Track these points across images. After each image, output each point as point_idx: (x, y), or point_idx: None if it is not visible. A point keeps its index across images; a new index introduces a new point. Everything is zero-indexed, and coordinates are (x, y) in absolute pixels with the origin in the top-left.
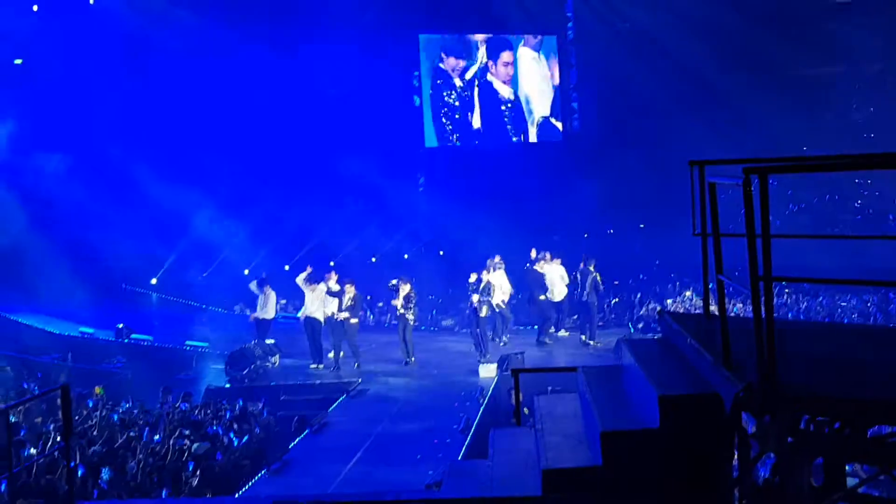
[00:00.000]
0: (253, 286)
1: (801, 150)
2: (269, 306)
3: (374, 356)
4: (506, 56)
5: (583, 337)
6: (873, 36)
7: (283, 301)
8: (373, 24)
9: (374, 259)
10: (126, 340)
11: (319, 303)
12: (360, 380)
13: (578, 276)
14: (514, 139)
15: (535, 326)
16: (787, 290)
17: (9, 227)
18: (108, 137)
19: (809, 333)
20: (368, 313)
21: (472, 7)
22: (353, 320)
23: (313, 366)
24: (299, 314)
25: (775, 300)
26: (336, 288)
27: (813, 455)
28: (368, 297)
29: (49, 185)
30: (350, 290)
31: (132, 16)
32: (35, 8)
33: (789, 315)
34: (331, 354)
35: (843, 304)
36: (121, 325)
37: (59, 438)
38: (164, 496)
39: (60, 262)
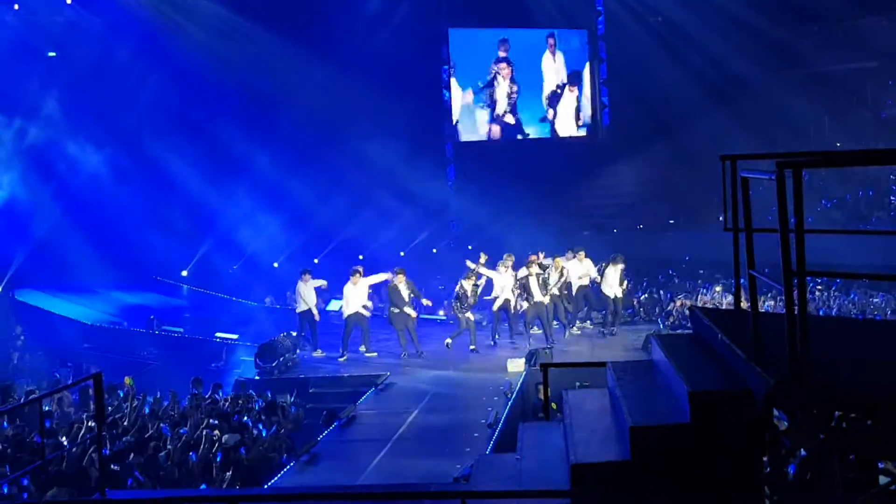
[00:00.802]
0: (319, 283)
1: (833, 147)
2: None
3: (401, 350)
4: (536, 50)
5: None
6: None
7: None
8: (403, 19)
9: (402, 254)
10: (157, 332)
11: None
12: (388, 373)
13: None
14: (543, 134)
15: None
16: (819, 287)
17: (43, 220)
18: (141, 130)
19: (841, 330)
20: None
21: (502, 2)
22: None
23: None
24: (340, 308)
25: (808, 296)
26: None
27: (845, 452)
28: None
29: (82, 178)
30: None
31: (164, 7)
32: (69, 1)
33: (821, 312)
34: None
35: (875, 300)
36: (152, 317)
37: (90, 427)
38: (202, 488)
39: (93, 254)
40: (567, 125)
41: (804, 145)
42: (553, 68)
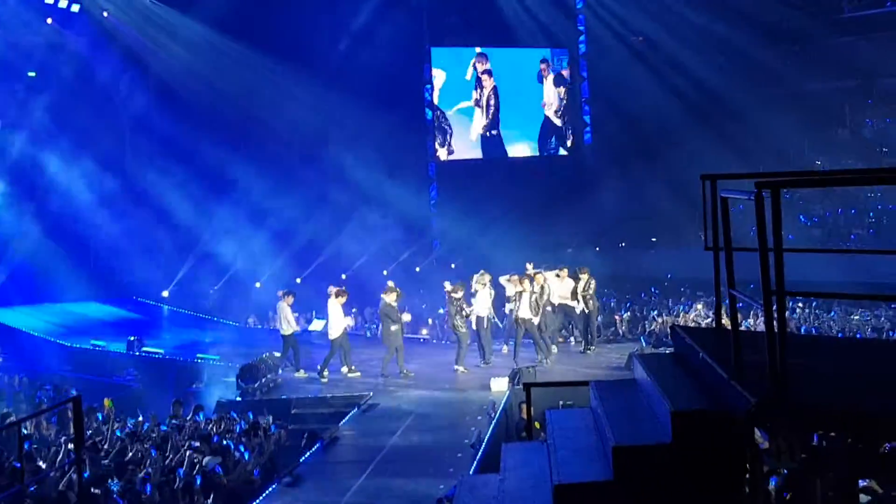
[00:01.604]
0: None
1: (813, 165)
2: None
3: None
4: (520, 68)
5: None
6: (886, 50)
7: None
8: (386, 38)
9: (385, 272)
10: (137, 353)
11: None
12: (371, 393)
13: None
14: (527, 153)
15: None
16: (799, 305)
17: (24, 239)
18: (123, 148)
19: (822, 348)
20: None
21: (484, 21)
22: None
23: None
24: (323, 328)
25: (788, 314)
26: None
27: (825, 470)
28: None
29: (63, 197)
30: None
31: (146, 26)
32: (49, 21)
33: (802, 329)
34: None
35: (855, 318)
36: (132, 338)
37: (69, 450)
38: None
39: (73, 274)
40: (549, 143)
41: (784, 164)
42: (535, 86)
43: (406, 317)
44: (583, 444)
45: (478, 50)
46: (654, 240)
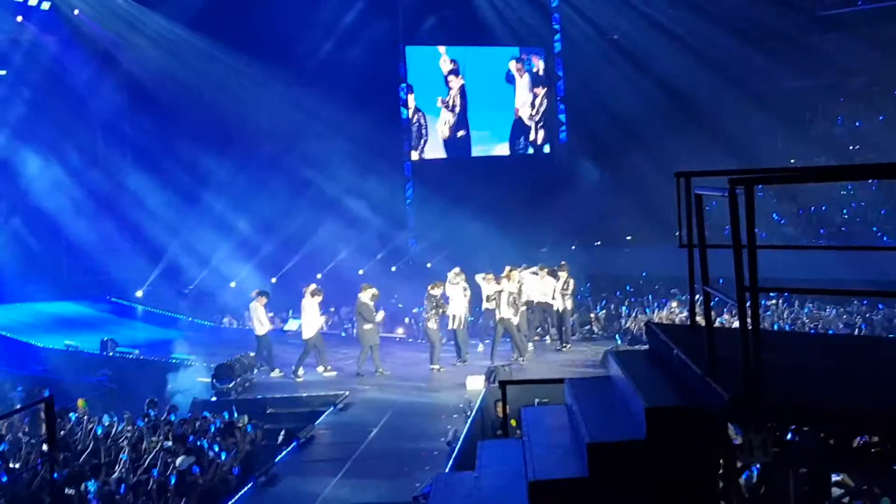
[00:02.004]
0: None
1: (786, 162)
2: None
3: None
4: (493, 68)
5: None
6: (857, 49)
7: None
8: (362, 37)
9: (361, 272)
10: (111, 353)
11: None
12: (346, 392)
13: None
14: (502, 151)
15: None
16: (773, 301)
17: None
18: (95, 148)
19: (795, 344)
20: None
21: (459, 20)
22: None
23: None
24: (298, 328)
25: (761, 311)
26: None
27: (798, 465)
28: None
29: (35, 196)
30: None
31: (118, 25)
32: (19, 19)
33: (775, 326)
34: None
35: (825, 313)
36: (106, 338)
37: (42, 451)
38: None
39: (46, 274)
40: (525, 142)
41: (757, 161)
42: (510, 85)
43: (380, 315)
44: (558, 441)
45: (441, 49)
46: (629, 238)
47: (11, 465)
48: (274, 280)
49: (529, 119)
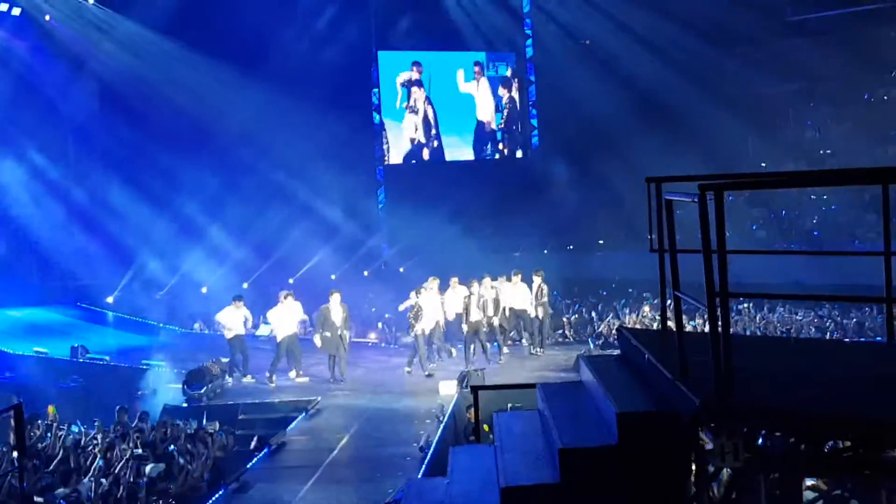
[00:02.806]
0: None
1: (758, 167)
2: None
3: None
4: (464, 72)
5: (531, 349)
6: (828, 54)
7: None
8: (335, 41)
9: (333, 276)
10: (82, 360)
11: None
12: (319, 398)
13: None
14: (474, 156)
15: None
16: (744, 306)
17: None
18: (67, 152)
19: (766, 349)
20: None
21: (431, 24)
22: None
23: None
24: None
25: (733, 315)
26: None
27: (769, 470)
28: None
29: (4, 203)
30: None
31: (90, 31)
32: None
33: (747, 330)
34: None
35: (799, 318)
36: (77, 344)
37: (12, 459)
38: None
39: (15, 280)
40: (497, 146)
41: (729, 167)
42: (482, 90)
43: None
44: (530, 446)
45: (439, 54)
46: (601, 242)
47: None
48: (246, 285)
49: (493, 124)
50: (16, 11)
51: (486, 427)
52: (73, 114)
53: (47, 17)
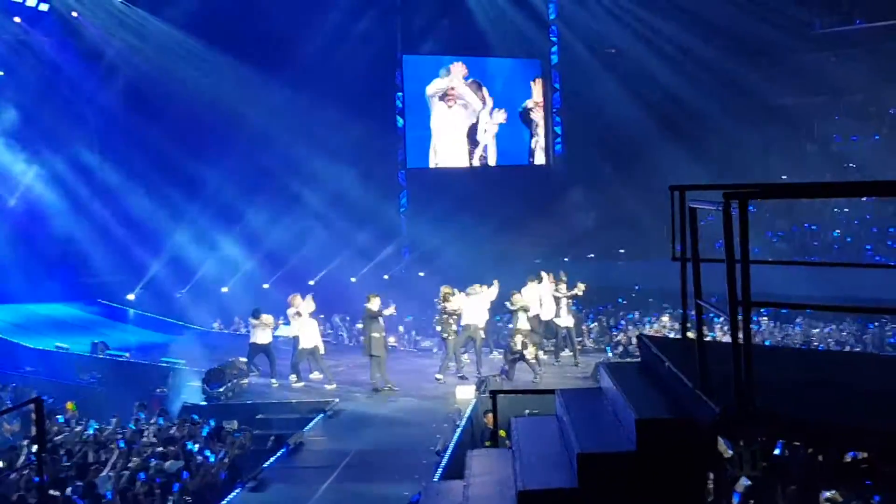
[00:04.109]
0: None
1: (779, 179)
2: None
3: (350, 377)
4: (489, 78)
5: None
6: (854, 67)
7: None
8: (360, 44)
9: (354, 279)
10: (102, 356)
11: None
12: (337, 399)
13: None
14: (497, 162)
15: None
16: (764, 318)
17: None
18: (91, 149)
19: (786, 359)
20: (345, 334)
21: (456, 30)
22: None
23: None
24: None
25: (753, 326)
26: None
27: (787, 480)
28: (347, 318)
29: (29, 197)
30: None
31: (115, 27)
32: (17, 20)
33: (767, 342)
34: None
35: (818, 331)
36: (97, 341)
37: (31, 453)
38: None
39: (38, 276)
40: (521, 153)
41: (752, 177)
42: (507, 96)
43: (389, 310)
44: (547, 451)
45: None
46: (622, 251)
47: (0, 466)
48: (266, 286)
49: (528, 129)
50: (43, 7)
51: (502, 432)
52: (98, 111)
53: (74, 14)
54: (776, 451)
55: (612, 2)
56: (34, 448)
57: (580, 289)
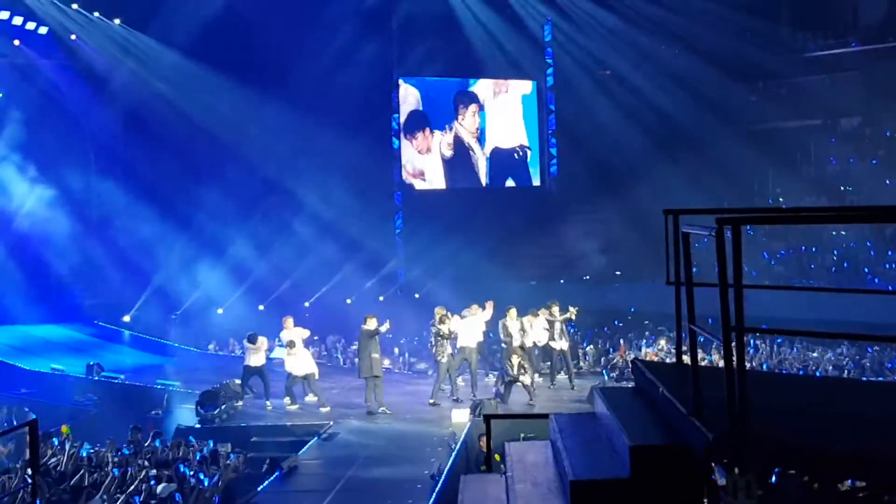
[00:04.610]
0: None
1: (776, 202)
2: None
3: (344, 399)
4: (485, 100)
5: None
6: (850, 90)
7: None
8: (354, 67)
9: (349, 301)
10: (97, 378)
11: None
12: (331, 422)
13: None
14: (491, 183)
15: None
16: (760, 342)
17: None
18: (87, 172)
19: (782, 385)
20: (340, 356)
21: (452, 51)
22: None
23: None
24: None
25: (749, 351)
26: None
27: None
28: (342, 340)
29: (25, 220)
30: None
31: (113, 49)
32: (17, 42)
33: (763, 366)
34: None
35: (816, 355)
36: (92, 362)
37: (26, 476)
38: None
39: (33, 297)
40: (516, 175)
41: (748, 200)
42: (504, 118)
43: (385, 326)
44: (541, 477)
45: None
46: (618, 273)
47: None
48: (262, 307)
49: (522, 151)
50: (43, 30)
51: (497, 456)
52: (96, 132)
53: (73, 37)
54: (772, 479)
55: (606, 24)
56: (28, 471)
57: (572, 313)
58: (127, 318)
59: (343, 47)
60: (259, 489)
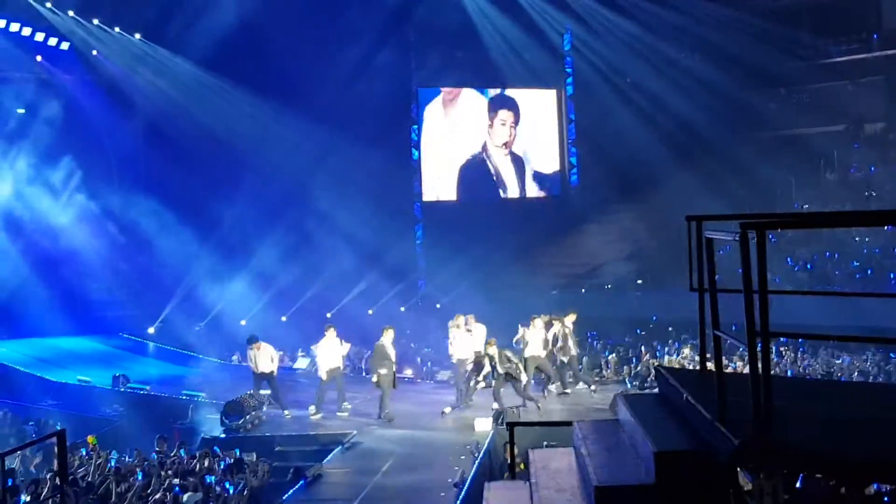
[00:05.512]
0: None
1: (799, 208)
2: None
3: (366, 409)
4: (503, 111)
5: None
6: (873, 94)
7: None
8: (373, 78)
9: (370, 312)
10: (123, 389)
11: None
12: (355, 431)
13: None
14: (511, 194)
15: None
16: (784, 348)
17: (10, 278)
18: (110, 185)
19: (807, 390)
20: (362, 366)
21: (471, 60)
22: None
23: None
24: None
25: (773, 357)
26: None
27: None
28: (366, 353)
29: (49, 234)
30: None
31: (133, 63)
32: (39, 58)
33: (788, 372)
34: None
35: (840, 362)
36: (118, 374)
37: (54, 485)
38: None
39: (59, 310)
40: (536, 184)
41: (770, 207)
42: (523, 127)
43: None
44: (565, 483)
45: (479, 91)
46: (639, 281)
47: (24, 499)
48: (284, 318)
49: (543, 160)
50: (64, 46)
51: (521, 465)
52: (118, 146)
53: (94, 52)
54: (798, 484)
55: (626, 32)
56: (57, 481)
57: (570, 318)
58: (151, 330)
59: (361, 58)
60: (284, 498)
